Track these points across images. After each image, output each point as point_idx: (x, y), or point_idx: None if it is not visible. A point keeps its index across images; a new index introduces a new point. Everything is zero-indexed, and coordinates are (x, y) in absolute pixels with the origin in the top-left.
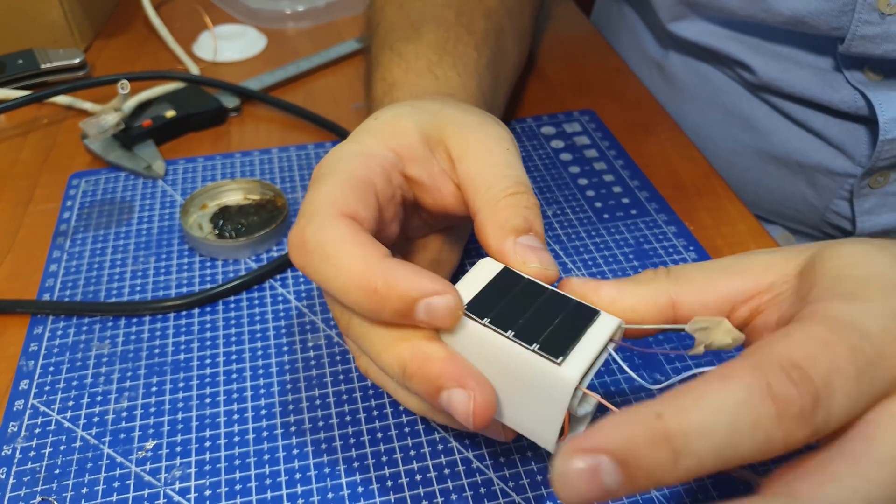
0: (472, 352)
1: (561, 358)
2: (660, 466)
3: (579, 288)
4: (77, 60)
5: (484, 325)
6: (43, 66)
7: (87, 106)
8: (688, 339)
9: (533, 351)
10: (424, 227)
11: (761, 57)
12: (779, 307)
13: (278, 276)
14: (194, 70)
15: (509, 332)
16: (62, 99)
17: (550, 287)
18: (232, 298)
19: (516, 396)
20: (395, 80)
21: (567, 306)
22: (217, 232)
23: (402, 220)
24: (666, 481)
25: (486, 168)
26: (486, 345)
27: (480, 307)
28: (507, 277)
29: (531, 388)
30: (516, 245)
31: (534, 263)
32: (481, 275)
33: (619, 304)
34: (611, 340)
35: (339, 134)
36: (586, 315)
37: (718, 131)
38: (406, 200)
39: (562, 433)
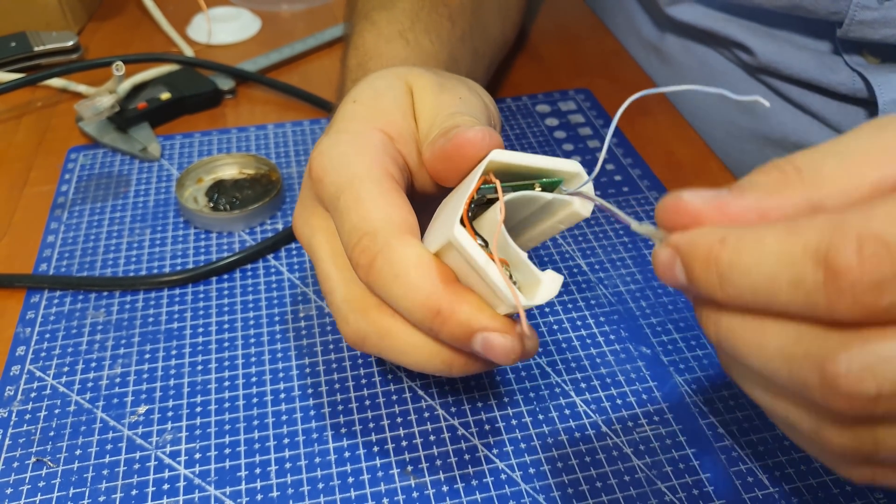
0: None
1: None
2: (708, 283)
3: (702, 206)
4: (70, 43)
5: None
6: (36, 48)
7: (82, 88)
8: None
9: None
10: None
11: (759, 39)
12: None
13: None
14: (188, 53)
15: None
16: (56, 81)
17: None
18: (226, 274)
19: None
20: (367, 48)
21: None
22: (212, 205)
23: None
24: (717, 298)
25: (432, 113)
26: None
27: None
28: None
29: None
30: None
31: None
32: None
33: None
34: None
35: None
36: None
37: (715, 113)
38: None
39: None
